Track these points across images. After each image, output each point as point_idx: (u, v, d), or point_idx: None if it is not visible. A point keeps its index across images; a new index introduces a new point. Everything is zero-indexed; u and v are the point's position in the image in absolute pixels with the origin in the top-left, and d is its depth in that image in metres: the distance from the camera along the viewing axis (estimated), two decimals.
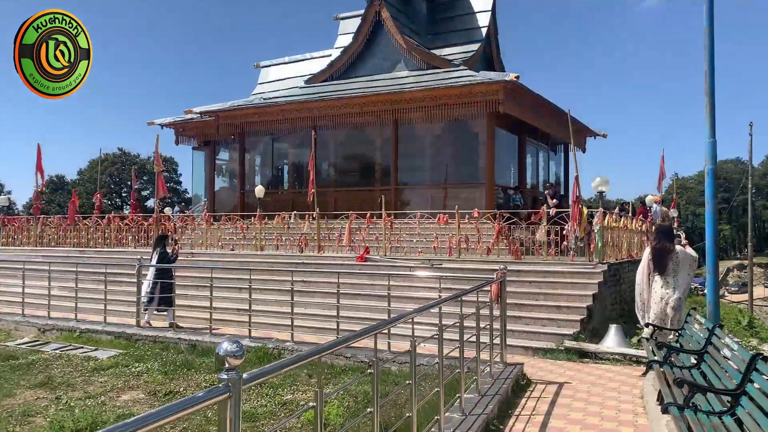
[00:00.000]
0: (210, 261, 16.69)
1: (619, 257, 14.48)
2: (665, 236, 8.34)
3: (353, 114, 19.70)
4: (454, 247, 14.38)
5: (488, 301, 7.74)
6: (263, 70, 26.94)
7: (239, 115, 21.72)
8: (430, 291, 11.27)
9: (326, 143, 21.40)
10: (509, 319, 11.05)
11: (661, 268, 8.19)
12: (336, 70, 22.25)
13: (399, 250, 15.29)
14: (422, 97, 18.52)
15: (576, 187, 13.01)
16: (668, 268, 8.19)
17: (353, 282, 13.78)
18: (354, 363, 8.87)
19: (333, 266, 15.06)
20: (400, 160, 19.85)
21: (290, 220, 16.44)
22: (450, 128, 19.47)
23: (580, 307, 11.23)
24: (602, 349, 9.90)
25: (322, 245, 16.09)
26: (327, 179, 21.65)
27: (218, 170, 24.87)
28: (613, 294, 13.48)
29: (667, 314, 8.12)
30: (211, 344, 10.19)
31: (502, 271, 8.09)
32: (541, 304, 11.61)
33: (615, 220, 14.30)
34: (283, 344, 9.71)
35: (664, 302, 8.14)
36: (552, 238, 13.49)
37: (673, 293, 8.14)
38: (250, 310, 10.18)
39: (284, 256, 16.25)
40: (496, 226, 13.86)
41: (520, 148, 20.96)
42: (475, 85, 17.61)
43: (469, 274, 12.86)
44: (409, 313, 5.58)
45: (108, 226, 19.88)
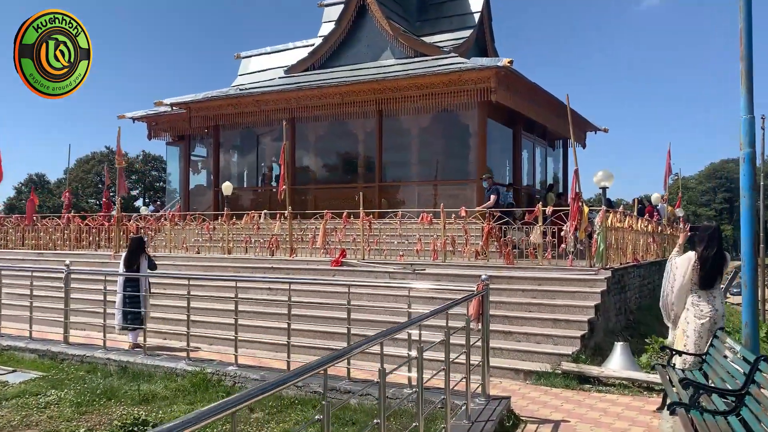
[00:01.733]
0: (172, 265, 15.13)
1: (623, 261, 12.92)
2: (718, 241, 6.69)
3: (334, 105, 18.13)
4: (439, 250, 12.81)
5: (466, 322, 6.16)
6: (244, 61, 25.35)
7: (212, 107, 20.15)
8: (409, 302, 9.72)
9: (306, 137, 19.84)
10: (497, 335, 9.51)
11: (709, 282, 6.62)
12: (317, 59, 20.68)
13: (379, 252, 13.70)
14: (407, 85, 16.95)
15: (576, 182, 11.44)
16: (717, 282, 6.63)
17: (326, 290, 12.26)
18: (306, 394, 7.29)
19: (305, 271, 13.52)
20: (385, 155, 18.28)
21: (260, 220, 14.85)
22: (438, 120, 17.90)
23: (581, 321, 9.65)
24: (607, 373, 8.32)
25: (295, 248, 14.52)
26: (307, 176, 20.08)
27: (194, 167, 23.30)
28: (618, 303, 11.91)
29: (700, 335, 6.55)
30: (143, 366, 8.61)
31: (483, 282, 6.51)
32: (535, 316, 10.03)
33: (619, 219, 12.74)
34: (225, 369, 8.11)
35: (710, 322, 6.54)
36: (549, 240, 11.92)
37: (719, 311, 6.57)
38: (188, 329, 8.57)
39: (253, 259, 14.67)
40: (486, 227, 12.28)
41: (515, 142, 19.36)
42: (465, 71, 16.05)
43: (451, 284, 11.30)
44: (364, 342, 4.16)
45: (68, 227, 18.29)
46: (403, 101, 17.12)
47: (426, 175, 18.24)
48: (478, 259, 12.47)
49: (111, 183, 33.95)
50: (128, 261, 10.51)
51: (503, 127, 18.99)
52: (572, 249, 11.50)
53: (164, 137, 23.50)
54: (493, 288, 11.14)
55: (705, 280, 6.58)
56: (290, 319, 7.98)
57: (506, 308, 10.49)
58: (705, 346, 6.55)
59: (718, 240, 6.65)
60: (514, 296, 10.83)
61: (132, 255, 10.54)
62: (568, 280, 10.94)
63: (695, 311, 6.62)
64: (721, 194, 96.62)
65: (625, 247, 13.23)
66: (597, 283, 10.68)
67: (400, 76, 17.10)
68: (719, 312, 6.57)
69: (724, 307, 6.69)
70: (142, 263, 10.52)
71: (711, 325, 6.54)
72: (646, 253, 15.51)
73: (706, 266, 6.55)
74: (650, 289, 15.62)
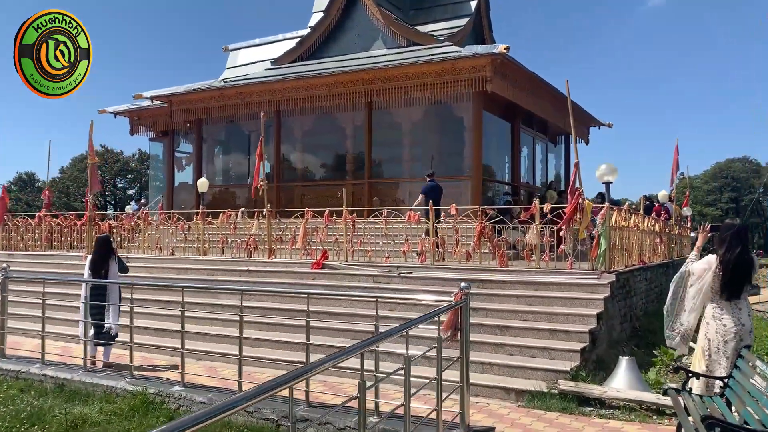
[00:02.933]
0: (143, 267, 14.11)
1: (629, 263, 11.84)
2: (743, 241, 5.61)
3: (321, 97, 17.08)
4: (428, 251, 11.74)
5: (437, 341, 5.10)
6: (232, 54, 24.28)
7: (194, 100, 19.11)
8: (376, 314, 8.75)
9: (292, 131, 18.80)
10: (487, 347, 8.45)
11: (734, 292, 5.55)
12: (306, 49, 19.64)
13: (364, 254, 12.65)
14: (397, 75, 15.88)
15: (576, 176, 10.36)
16: (743, 291, 5.54)
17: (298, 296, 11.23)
18: (258, 421, 6.23)
19: (283, 274, 12.47)
20: (375, 150, 17.23)
21: (237, 219, 13.80)
22: (431, 113, 16.84)
23: (581, 332, 8.57)
24: (610, 394, 7.24)
25: (275, 248, 13.47)
26: (293, 173, 19.04)
27: (178, 163, 22.27)
28: (623, 310, 10.84)
29: (724, 356, 5.49)
30: (81, 384, 7.56)
31: (462, 291, 5.44)
32: (530, 326, 8.95)
33: (624, 218, 11.65)
34: (169, 389, 7.06)
35: (735, 339, 5.47)
36: (547, 241, 10.85)
37: (745, 326, 5.51)
38: (131, 341, 7.51)
39: (229, 261, 13.64)
40: (478, 226, 11.21)
41: (513, 137, 18.27)
42: (458, 59, 14.97)
43: (439, 287, 10.25)
44: (310, 367, 3.28)
45: (39, 227, 17.27)
46: (393, 92, 16.06)
47: (418, 172, 17.12)
48: (470, 260, 11.40)
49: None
50: (95, 265, 9.03)
51: (501, 120, 17.92)
52: (572, 250, 10.43)
53: (147, 133, 22.45)
54: (485, 293, 10.12)
55: (729, 288, 5.50)
56: (242, 332, 6.91)
57: (498, 317, 9.42)
58: (728, 368, 5.48)
59: (743, 240, 5.57)
60: (507, 303, 9.77)
61: (101, 258, 9.08)
62: (567, 285, 9.86)
63: (717, 326, 5.55)
64: (727, 194, 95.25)
65: (631, 247, 12.15)
66: (599, 289, 9.61)
67: (390, 65, 16.04)
68: (746, 327, 5.50)
69: (751, 320, 5.61)
70: (111, 267, 9.05)
71: (736, 343, 5.47)
72: (653, 254, 14.42)
73: (730, 272, 5.47)
74: (657, 293, 14.53)
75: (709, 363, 5.59)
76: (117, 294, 8.64)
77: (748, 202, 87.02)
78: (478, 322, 9.16)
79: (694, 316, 5.85)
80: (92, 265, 8.93)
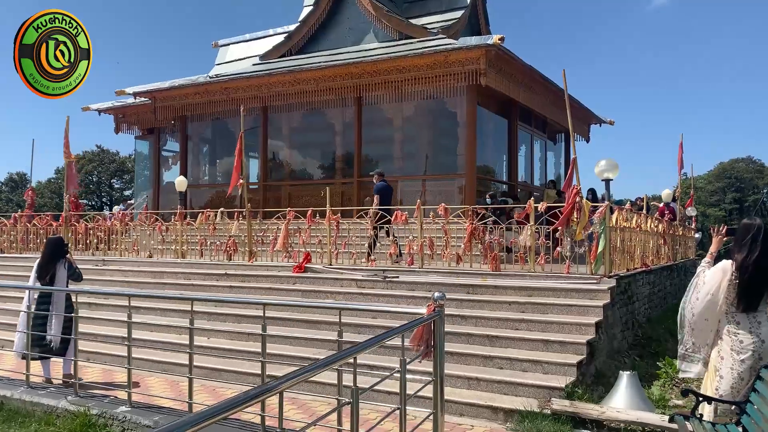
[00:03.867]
0: (118, 271, 13.39)
1: (630, 267, 11.07)
2: (763, 243, 4.75)
3: (308, 92, 16.34)
4: (415, 254, 10.98)
5: (401, 364, 4.33)
6: (221, 50, 23.51)
7: (178, 96, 18.40)
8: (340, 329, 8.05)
9: (279, 128, 18.05)
10: (474, 360, 7.71)
11: (753, 303, 4.76)
12: (295, 43, 18.90)
13: (349, 256, 11.89)
14: (388, 68, 15.15)
15: (573, 173, 9.60)
16: (763, 302, 4.76)
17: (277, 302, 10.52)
18: None
19: (262, 278, 11.73)
20: (365, 148, 16.48)
21: (216, 220, 13.05)
22: (424, 108, 16.10)
23: (578, 343, 7.79)
24: (609, 414, 6.47)
25: (255, 251, 12.72)
26: (281, 171, 18.30)
27: (165, 162, 21.53)
28: (624, 317, 10.06)
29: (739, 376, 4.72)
30: (20, 403, 6.81)
31: (435, 303, 4.67)
32: (522, 336, 8.17)
33: (626, 218, 10.88)
34: (114, 409, 6.29)
35: (752, 358, 4.70)
36: (542, 242, 10.08)
37: (765, 342, 4.73)
38: (75, 355, 6.74)
39: (206, 264, 12.89)
40: (468, 227, 10.44)
41: (510, 134, 17.50)
42: (451, 51, 14.22)
43: (425, 293, 9.49)
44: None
45: (15, 228, 16.55)
46: (383, 87, 15.33)
47: (410, 170, 16.44)
48: (460, 263, 10.64)
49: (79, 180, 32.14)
50: (40, 270, 8.16)
51: (497, 117, 17.18)
52: (569, 252, 9.66)
53: (132, 130, 21.73)
54: (475, 300, 9.35)
55: (747, 299, 4.73)
56: (192, 347, 6.13)
57: (489, 325, 8.66)
58: (745, 391, 4.72)
59: (763, 242, 4.79)
60: (498, 310, 9.00)
61: (47, 262, 8.15)
62: (564, 290, 9.10)
63: (732, 343, 4.78)
64: (730, 194, 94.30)
65: (633, 250, 11.38)
66: (599, 295, 8.84)
67: (379, 58, 15.30)
68: (766, 344, 4.73)
69: None
70: (58, 272, 8.10)
71: (754, 361, 4.70)
72: (657, 256, 13.64)
73: (747, 280, 4.70)
74: (661, 297, 13.77)
75: (719, 385, 4.82)
76: (63, 303, 7.82)
77: (753, 203, 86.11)
78: (467, 332, 8.41)
79: (713, 335, 5.05)
80: (38, 270, 8.13)
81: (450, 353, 7.94)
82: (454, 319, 8.88)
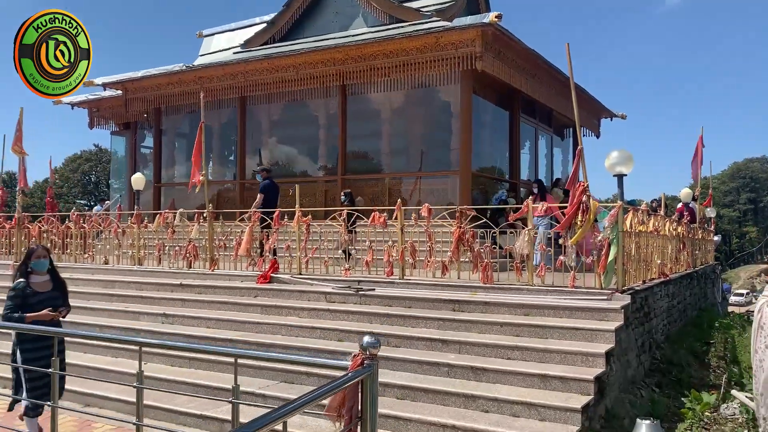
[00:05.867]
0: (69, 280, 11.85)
1: (647, 277, 9.46)
2: None
3: (288, 81, 14.81)
4: (395, 261, 9.42)
5: None
6: (206, 40, 21.99)
7: (151, 87, 16.91)
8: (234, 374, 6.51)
9: (258, 121, 16.51)
10: (454, 400, 6.14)
11: None
12: (278, 29, 17.43)
13: (321, 263, 10.33)
14: (374, 53, 13.59)
15: (579, 166, 8.00)
16: None
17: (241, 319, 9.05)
18: None
19: (221, 291, 10.21)
20: (350, 143, 14.91)
21: (175, 222, 11.53)
22: (414, 98, 14.50)
23: (584, 380, 6.19)
24: None
25: (217, 257, 11.19)
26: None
27: (142, 160, 20.08)
28: (641, 338, 8.46)
29: None
30: None
31: (364, 353, 3.08)
32: (515, 369, 6.58)
33: (641, 220, 9.26)
34: None
35: None
36: (542, 249, 8.48)
37: None
38: None
39: (163, 272, 11.40)
40: (456, 231, 8.85)
41: (512, 127, 15.89)
42: (443, 32, 12.64)
43: (404, 309, 7.95)
44: None
45: None
46: (370, 75, 13.77)
47: (399, 166, 14.87)
48: (446, 274, 9.06)
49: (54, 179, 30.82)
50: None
51: (497, 108, 15.57)
52: (573, 262, 8.06)
53: (108, 126, 20.29)
54: (461, 320, 7.77)
55: None
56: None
57: (475, 352, 7.08)
58: None
59: None
60: (488, 333, 7.43)
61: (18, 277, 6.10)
62: (568, 308, 7.52)
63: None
64: (745, 194, 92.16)
65: (650, 257, 9.75)
66: (610, 315, 7.26)
67: (364, 41, 13.75)
68: None
69: None
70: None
71: None
72: (676, 263, 12.01)
73: None
74: (681, 310, 12.13)
75: None
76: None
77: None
78: (447, 362, 6.84)
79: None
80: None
81: (424, 390, 6.40)
82: (433, 344, 7.33)
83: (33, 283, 5.97)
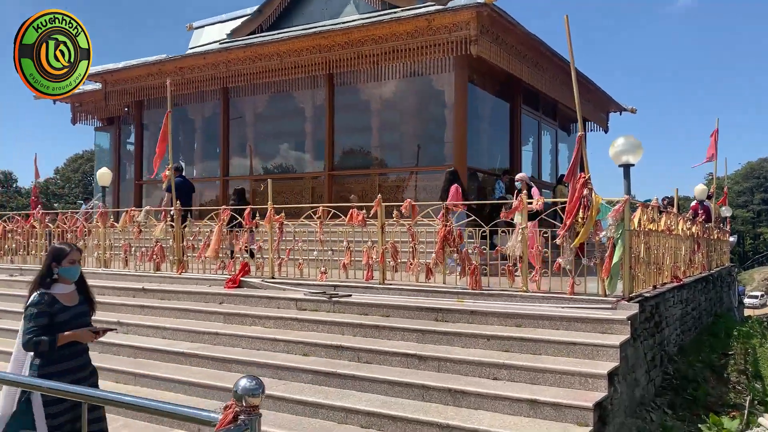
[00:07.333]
0: (25, 283, 10.96)
1: (658, 282, 8.42)
2: None
3: (272, 70, 13.86)
4: (375, 264, 8.43)
5: None
6: (196, 32, 21.08)
7: (131, 79, 16.02)
8: None
9: (242, 114, 15.56)
10: (428, 430, 5.11)
11: None
12: (266, 18, 16.54)
13: (295, 265, 9.34)
14: (362, 39, 12.61)
15: (579, 155, 6.97)
16: None
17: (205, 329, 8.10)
18: None
19: (187, 296, 9.25)
20: (338, 136, 13.91)
21: (139, 219, 10.58)
22: (405, 88, 13.51)
23: (582, 408, 5.16)
24: None
25: (185, 259, 10.24)
26: (242, 165, 15.81)
27: (127, 156, 19.20)
28: (651, 352, 7.41)
29: None
30: None
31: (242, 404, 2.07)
32: (501, 394, 5.54)
33: (651, 218, 8.22)
34: None
35: None
36: (539, 251, 7.45)
37: None
38: None
39: (129, 276, 10.45)
40: (441, 230, 7.84)
41: (512, 119, 14.85)
42: (435, 15, 11.64)
43: (381, 319, 6.96)
44: None
45: None
46: (358, 62, 12.79)
47: (390, 161, 13.89)
48: (430, 279, 8.05)
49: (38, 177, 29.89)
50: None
51: (496, 99, 14.55)
52: (569, 264, 7.03)
53: (91, 121, 19.42)
54: (443, 332, 6.74)
55: None
56: None
57: (456, 371, 6.07)
58: None
59: None
60: (473, 347, 6.41)
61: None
62: (565, 318, 6.48)
63: None
64: (759, 195, 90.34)
65: (661, 259, 8.70)
66: (614, 327, 6.22)
67: (351, 26, 12.78)
68: None
69: None
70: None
71: None
72: (690, 266, 10.95)
73: None
74: (695, 317, 11.05)
75: None
76: None
77: None
78: (422, 383, 5.83)
79: None
80: None
81: (392, 418, 5.39)
82: (409, 361, 6.32)
83: (58, 295, 4.35)
